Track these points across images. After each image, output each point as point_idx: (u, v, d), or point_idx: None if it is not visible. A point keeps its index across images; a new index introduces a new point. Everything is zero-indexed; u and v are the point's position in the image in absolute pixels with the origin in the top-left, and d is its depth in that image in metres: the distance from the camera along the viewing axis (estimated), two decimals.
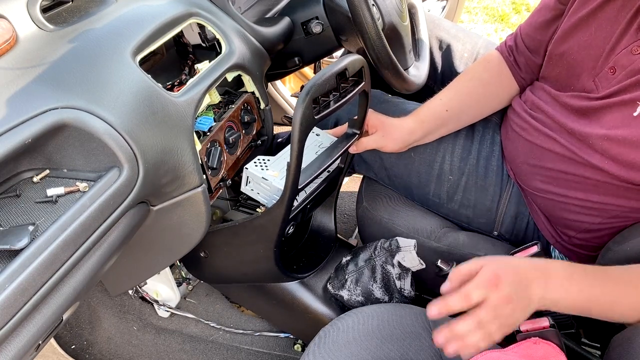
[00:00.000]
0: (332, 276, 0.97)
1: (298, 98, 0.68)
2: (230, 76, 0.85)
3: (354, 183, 1.69)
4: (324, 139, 0.92)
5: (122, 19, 0.71)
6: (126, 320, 1.26)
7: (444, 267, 0.87)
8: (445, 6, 2.15)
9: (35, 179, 0.59)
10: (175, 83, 0.85)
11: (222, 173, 0.84)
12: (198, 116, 0.81)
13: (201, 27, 0.85)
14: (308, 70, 1.74)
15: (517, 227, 0.97)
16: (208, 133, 0.80)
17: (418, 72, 1.04)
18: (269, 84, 1.58)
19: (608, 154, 0.74)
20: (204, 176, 0.77)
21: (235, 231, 0.88)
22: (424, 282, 0.99)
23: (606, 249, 0.80)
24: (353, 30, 0.93)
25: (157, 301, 1.24)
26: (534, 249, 0.78)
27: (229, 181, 0.88)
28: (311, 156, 0.86)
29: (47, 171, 0.60)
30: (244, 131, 0.90)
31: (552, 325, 0.66)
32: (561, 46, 0.84)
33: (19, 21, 0.62)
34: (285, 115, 1.68)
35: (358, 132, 0.89)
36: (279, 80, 1.68)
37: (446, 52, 1.20)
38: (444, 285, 0.68)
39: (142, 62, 0.70)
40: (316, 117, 0.71)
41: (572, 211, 0.85)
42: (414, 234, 0.97)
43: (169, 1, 0.78)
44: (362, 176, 1.12)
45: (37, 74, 0.59)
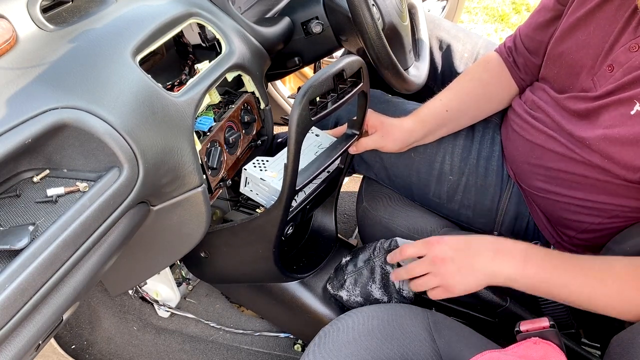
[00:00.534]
0: (332, 277, 0.97)
1: (294, 99, 0.68)
2: (230, 76, 0.85)
3: (354, 183, 1.69)
4: (324, 140, 0.92)
5: (122, 19, 0.70)
6: (126, 320, 1.26)
7: None
8: (445, 6, 2.15)
9: (35, 179, 0.59)
10: (175, 83, 0.85)
11: (222, 173, 0.84)
12: (198, 116, 0.81)
13: (201, 27, 0.85)
14: (308, 70, 1.73)
15: (517, 227, 0.97)
16: (208, 133, 0.80)
17: (418, 72, 1.04)
18: (269, 84, 1.58)
19: (607, 153, 0.75)
20: (204, 176, 0.77)
21: (234, 232, 0.88)
22: None
23: (606, 249, 0.80)
24: (353, 30, 0.93)
25: (157, 301, 1.24)
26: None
27: (229, 181, 0.88)
28: (310, 157, 0.86)
29: (47, 171, 0.60)
30: (244, 131, 0.90)
31: (552, 325, 0.66)
32: (560, 46, 0.84)
33: (19, 21, 0.62)
34: (282, 116, 1.68)
35: (358, 133, 0.89)
36: (279, 80, 1.68)
37: (446, 52, 1.20)
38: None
39: (142, 62, 0.70)
40: (313, 119, 0.71)
41: (573, 211, 0.85)
42: (414, 234, 0.97)
43: (169, 1, 0.78)
44: (362, 176, 1.12)
45: (37, 74, 0.59)
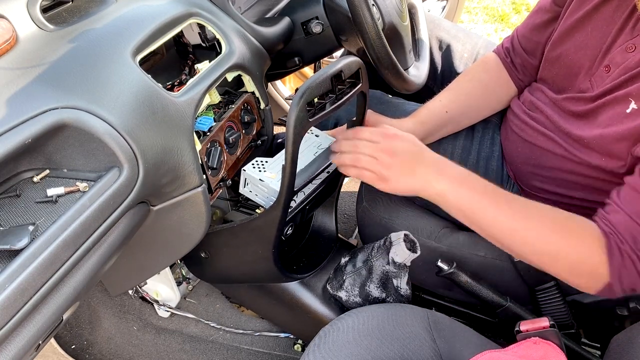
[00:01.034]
0: (331, 277, 0.97)
1: (292, 100, 0.68)
2: (230, 76, 0.85)
3: (354, 183, 1.69)
4: (323, 140, 0.92)
5: (122, 19, 0.70)
6: (126, 320, 1.26)
7: (444, 267, 0.87)
8: (445, 6, 2.15)
9: (35, 179, 0.59)
10: (175, 83, 0.85)
11: (222, 173, 0.84)
12: (198, 116, 0.81)
13: (201, 27, 0.85)
14: (308, 70, 1.74)
15: None
16: (208, 133, 0.80)
17: (418, 72, 1.04)
18: (269, 84, 1.58)
19: (605, 152, 0.75)
20: (204, 176, 0.77)
21: (234, 232, 0.88)
22: (424, 282, 0.99)
23: None
24: (353, 30, 0.93)
25: (157, 301, 1.24)
26: None
27: (229, 181, 0.88)
28: (310, 157, 0.86)
29: (47, 171, 0.60)
30: (244, 131, 0.90)
31: (552, 325, 0.66)
32: (558, 48, 0.84)
33: (19, 21, 0.62)
34: (280, 117, 1.68)
35: None
36: (279, 80, 1.68)
37: (446, 53, 1.20)
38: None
39: (142, 62, 0.70)
40: (310, 120, 0.70)
41: (572, 211, 0.85)
42: (414, 234, 0.97)
43: (169, 1, 0.78)
44: None
45: (37, 74, 0.59)
